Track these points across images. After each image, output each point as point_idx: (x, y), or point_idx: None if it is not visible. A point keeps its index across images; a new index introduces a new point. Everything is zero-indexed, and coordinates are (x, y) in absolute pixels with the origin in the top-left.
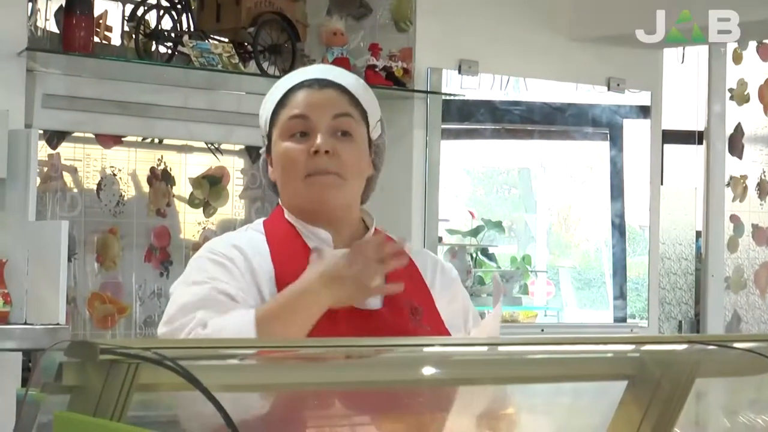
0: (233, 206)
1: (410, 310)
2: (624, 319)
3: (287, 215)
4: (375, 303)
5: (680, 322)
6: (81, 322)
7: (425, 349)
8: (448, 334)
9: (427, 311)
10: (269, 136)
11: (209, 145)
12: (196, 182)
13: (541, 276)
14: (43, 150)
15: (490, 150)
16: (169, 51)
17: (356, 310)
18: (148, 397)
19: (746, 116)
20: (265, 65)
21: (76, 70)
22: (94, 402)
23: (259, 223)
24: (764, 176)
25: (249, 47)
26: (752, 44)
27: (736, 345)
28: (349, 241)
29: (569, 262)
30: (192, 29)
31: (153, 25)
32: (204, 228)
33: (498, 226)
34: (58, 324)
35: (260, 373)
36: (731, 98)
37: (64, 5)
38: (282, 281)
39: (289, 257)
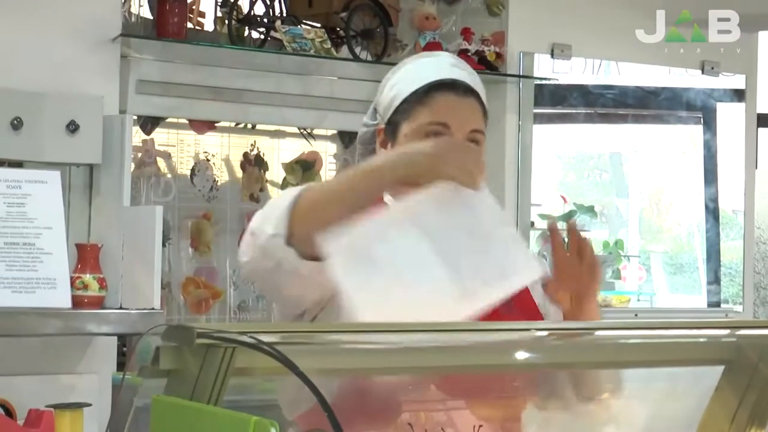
0: None
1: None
2: (718, 304)
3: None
4: None
5: None
6: (175, 306)
7: (519, 333)
8: (538, 314)
9: (520, 306)
10: (393, 120)
11: (302, 131)
12: (288, 167)
13: (633, 261)
14: (137, 136)
15: (581, 134)
16: (262, 36)
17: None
18: (245, 381)
19: None
20: (357, 50)
21: (169, 55)
22: (190, 386)
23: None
24: None
25: (341, 32)
26: None
27: None
28: None
29: (661, 246)
30: (284, 14)
31: (246, 10)
32: None
33: (590, 210)
34: (152, 309)
35: (355, 356)
36: None
37: None
38: None
39: None
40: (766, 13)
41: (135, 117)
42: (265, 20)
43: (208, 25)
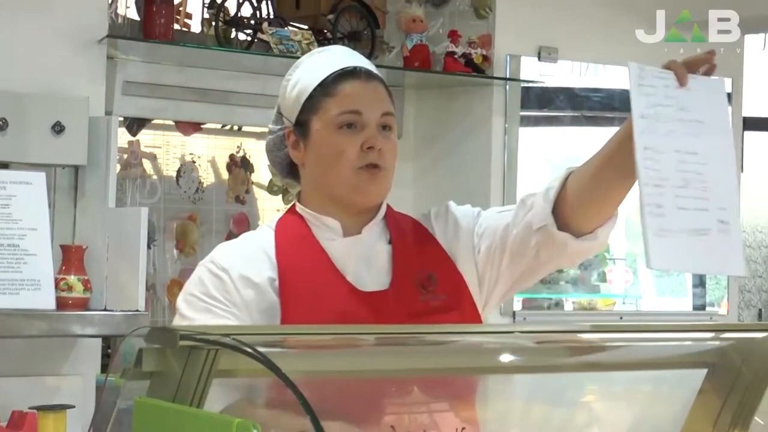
0: None
1: (421, 283)
2: (703, 307)
3: (299, 208)
4: (381, 282)
5: (760, 310)
6: (160, 308)
7: (502, 336)
8: (468, 293)
9: (443, 276)
10: (301, 118)
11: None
12: None
13: (619, 264)
14: (123, 137)
15: (568, 137)
16: (249, 38)
17: (358, 294)
18: (228, 383)
19: None
20: None
21: (156, 57)
22: (173, 388)
23: (275, 219)
24: None
25: (328, 34)
26: None
27: None
28: (359, 227)
29: None
30: (271, 16)
31: (233, 12)
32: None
33: None
34: (137, 310)
35: (338, 359)
36: None
37: None
38: (285, 274)
39: (293, 249)
40: (764, 15)
41: (121, 118)
42: (252, 22)
43: (195, 26)
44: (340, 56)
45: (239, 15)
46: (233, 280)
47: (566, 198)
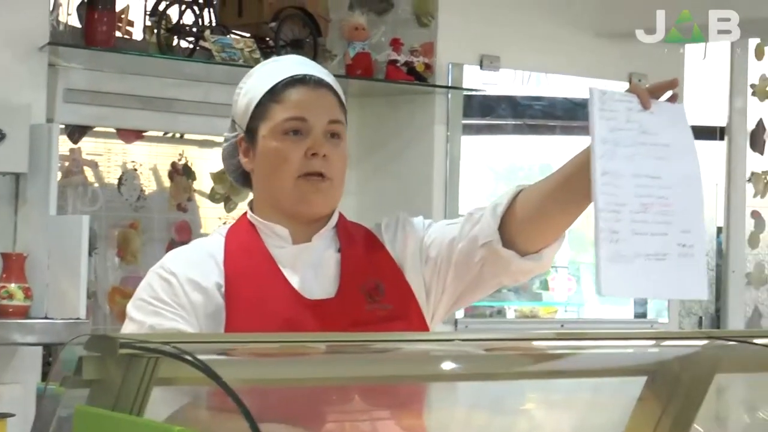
0: None
1: (368, 292)
2: (644, 315)
3: (249, 215)
4: (328, 291)
5: (701, 318)
6: (101, 316)
7: (444, 344)
8: (415, 304)
9: (390, 286)
10: (251, 126)
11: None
12: (217, 177)
13: (561, 271)
14: (64, 144)
15: (511, 146)
16: (191, 46)
17: (304, 301)
18: (177, 389)
19: None
20: None
21: (97, 64)
22: (113, 396)
23: (227, 226)
24: None
25: (270, 42)
26: None
27: (757, 341)
28: (309, 235)
29: (590, 257)
30: (213, 24)
31: (175, 19)
32: (225, 223)
33: None
34: (78, 318)
35: (280, 367)
36: (753, 94)
37: (86, 0)
38: (232, 280)
39: (242, 256)
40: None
41: (62, 126)
42: (194, 30)
43: (137, 34)
44: (291, 65)
45: (181, 23)
46: (181, 284)
47: (514, 215)
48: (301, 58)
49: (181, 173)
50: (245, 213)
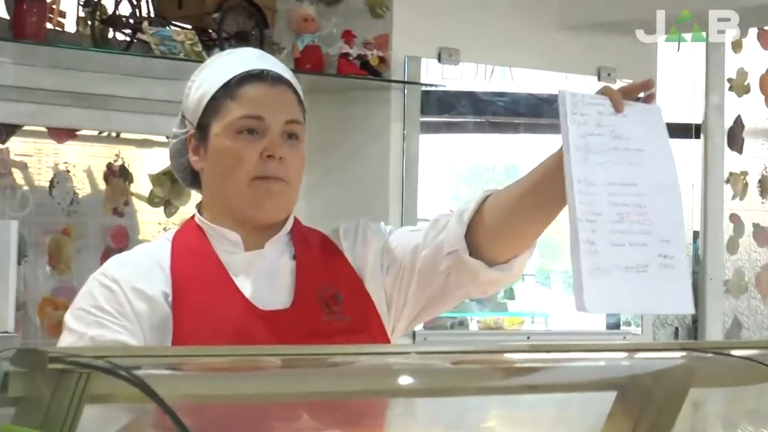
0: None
1: (325, 302)
2: (617, 326)
3: (198, 218)
4: (282, 301)
5: (677, 328)
6: (32, 329)
7: (398, 357)
8: (376, 315)
9: (349, 296)
10: (203, 122)
11: (171, 140)
12: (156, 179)
13: (528, 280)
14: None
15: (473, 145)
16: (128, 38)
17: (256, 311)
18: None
19: (746, 108)
20: None
21: (27, 58)
22: (41, 415)
23: (174, 230)
24: (766, 172)
25: (213, 34)
26: (752, 31)
27: (734, 352)
28: (262, 241)
29: (561, 265)
30: (152, 15)
31: (110, 10)
32: (165, 228)
33: None
34: (6, 332)
35: (221, 382)
36: (730, 89)
37: None
38: (179, 289)
39: (190, 263)
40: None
41: None
42: (132, 21)
43: (70, 26)
44: (249, 58)
45: (117, 14)
46: (125, 292)
47: (482, 223)
48: (259, 52)
49: (118, 175)
50: (193, 216)
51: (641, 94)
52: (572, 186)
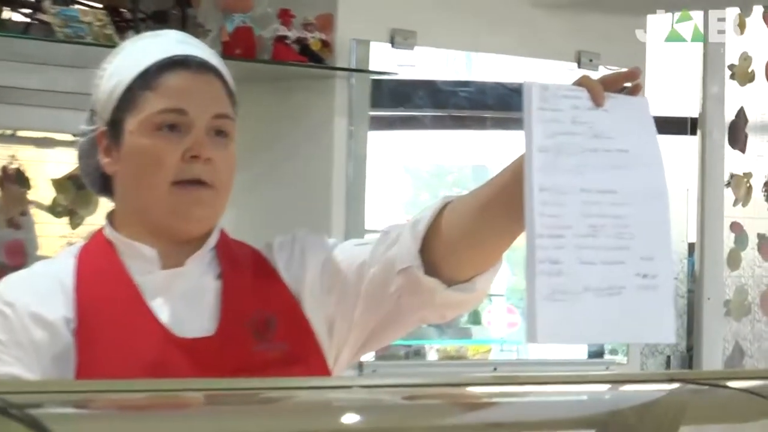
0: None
1: (256, 328)
2: (600, 354)
3: (108, 231)
4: (206, 328)
5: (668, 357)
6: None
7: (345, 392)
8: (315, 344)
9: (284, 321)
10: (115, 117)
11: (77, 138)
12: (59, 185)
13: (498, 301)
14: None
15: (434, 143)
16: (27, 19)
17: (175, 340)
18: None
19: (750, 99)
20: None
21: None
22: None
23: (79, 245)
24: None
25: (127, 15)
26: (758, 9)
27: (732, 384)
28: (182, 258)
29: None
30: None
31: None
32: (69, 243)
33: None
34: None
35: (141, 423)
36: (732, 77)
37: None
38: (84, 314)
39: (97, 283)
40: None
41: None
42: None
43: None
44: (169, 42)
45: None
46: (20, 318)
47: (440, 235)
48: (183, 35)
49: (14, 180)
50: (102, 229)
51: (626, 85)
52: (532, 196)
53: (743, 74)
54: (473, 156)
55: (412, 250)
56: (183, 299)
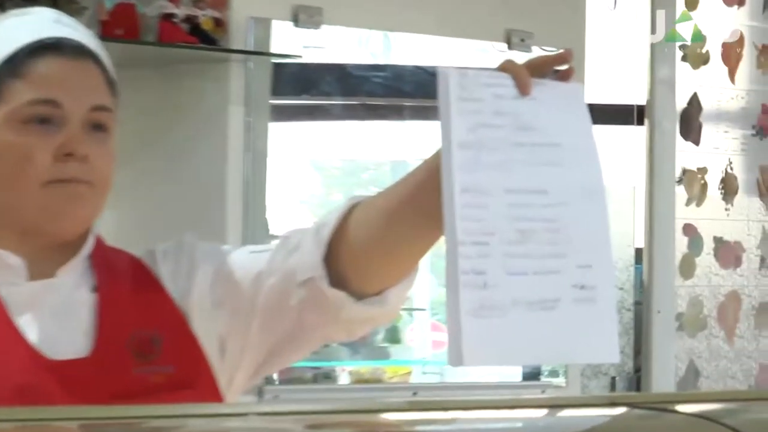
0: None
1: (137, 348)
2: (537, 376)
3: None
4: (79, 348)
5: (613, 378)
6: None
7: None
8: (206, 365)
9: (170, 340)
10: None
11: None
12: None
13: (421, 317)
14: None
15: (346, 135)
16: None
17: (45, 362)
18: None
19: (704, 84)
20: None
21: None
22: None
23: None
24: (730, 169)
25: None
26: None
27: (683, 408)
28: (52, 268)
29: None
30: None
31: None
32: None
33: None
34: None
35: None
36: (683, 59)
37: None
38: None
39: None
40: None
41: None
42: None
43: None
44: (40, 23)
45: None
46: None
47: (347, 242)
48: (55, 13)
49: None
50: None
51: (557, 69)
52: (452, 198)
53: (696, 56)
54: (392, 150)
55: (315, 258)
56: (54, 315)
